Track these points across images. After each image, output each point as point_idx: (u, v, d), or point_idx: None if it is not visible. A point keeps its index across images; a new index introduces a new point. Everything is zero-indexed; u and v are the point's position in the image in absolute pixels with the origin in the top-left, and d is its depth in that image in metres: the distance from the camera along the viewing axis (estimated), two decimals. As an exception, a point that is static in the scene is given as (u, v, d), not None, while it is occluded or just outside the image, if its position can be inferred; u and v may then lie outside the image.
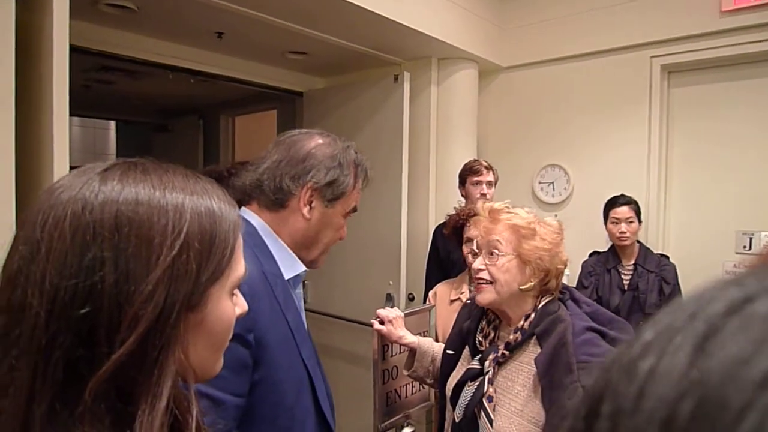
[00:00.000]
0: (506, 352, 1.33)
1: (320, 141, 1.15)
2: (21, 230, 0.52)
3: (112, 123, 6.19)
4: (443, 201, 3.14)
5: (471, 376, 1.37)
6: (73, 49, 1.85)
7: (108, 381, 0.48)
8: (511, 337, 1.33)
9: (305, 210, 1.11)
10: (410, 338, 1.65)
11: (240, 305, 0.62)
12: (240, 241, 0.60)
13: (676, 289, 2.61)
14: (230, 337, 0.61)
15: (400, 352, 1.78)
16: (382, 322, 1.66)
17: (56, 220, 0.50)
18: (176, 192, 0.55)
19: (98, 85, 4.08)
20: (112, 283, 0.49)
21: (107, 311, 0.49)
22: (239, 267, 0.60)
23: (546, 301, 1.35)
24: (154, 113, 5.47)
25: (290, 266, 1.12)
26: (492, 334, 1.41)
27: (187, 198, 0.55)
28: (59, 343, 0.48)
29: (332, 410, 1.13)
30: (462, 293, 2.34)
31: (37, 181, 1.85)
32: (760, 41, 2.61)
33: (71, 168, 1.90)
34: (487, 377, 1.33)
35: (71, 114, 1.89)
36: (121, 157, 0.60)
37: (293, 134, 1.18)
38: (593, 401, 0.25)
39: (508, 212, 1.37)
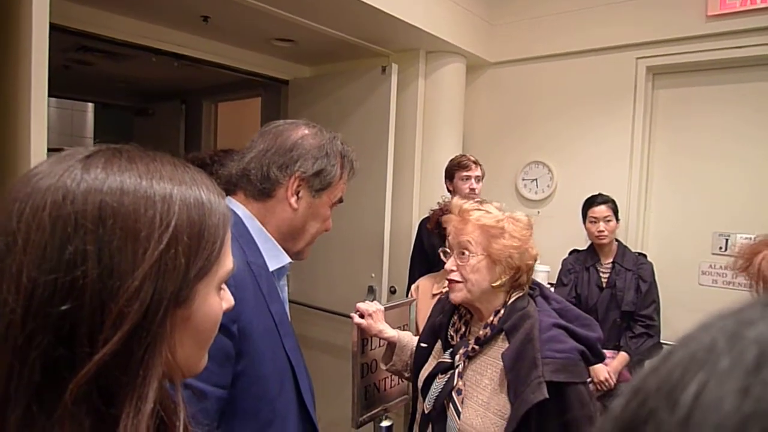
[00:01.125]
0: (476, 347, 1.37)
1: (306, 131, 1.14)
2: None
3: (90, 105, 6.05)
4: (427, 194, 3.14)
5: (442, 369, 1.41)
6: (53, 28, 1.80)
7: (89, 382, 0.46)
8: (481, 332, 1.37)
9: (292, 200, 1.10)
10: (390, 332, 1.65)
11: (226, 300, 0.60)
12: (229, 235, 0.57)
13: (652, 287, 2.66)
14: (216, 332, 0.59)
15: (379, 346, 1.78)
16: (362, 316, 1.66)
17: (34, 209, 0.46)
18: (164, 182, 0.52)
19: (77, 66, 3.98)
20: (95, 278, 0.46)
21: (89, 308, 0.46)
22: (227, 261, 0.57)
23: (516, 296, 1.38)
24: (135, 96, 5.35)
25: (275, 257, 1.11)
26: (463, 329, 1.45)
27: (175, 188, 0.52)
28: (37, 342, 0.44)
29: (314, 403, 1.12)
30: (444, 287, 2.34)
31: (13, 163, 1.80)
32: (744, 46, 2.65)
33: (49, 150, 1.86)
34: (457, 371, 1.37)
35: (48, 95, 1.84)
36: (99, 140, 0.57)
37: (279, 124, 1.17)
38: (627, 426, 0.24)
39: (477, 210, 1.38)
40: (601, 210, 2.70)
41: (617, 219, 2.73)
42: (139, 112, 5.39)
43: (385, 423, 1.78)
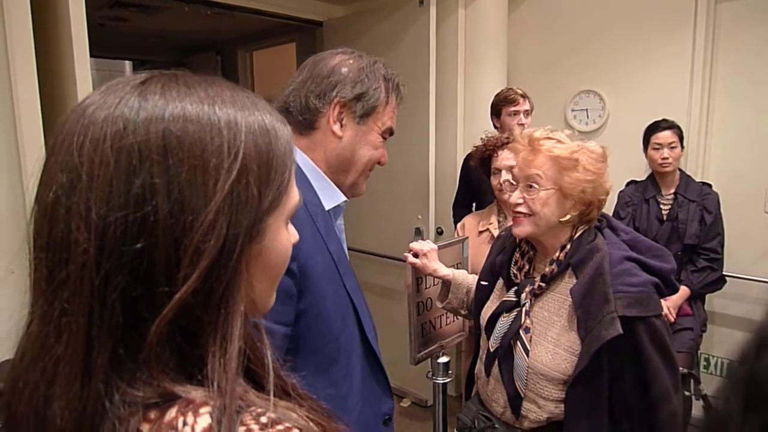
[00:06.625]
0: (542, 284, 1.32)
1: (344, 57, 1.09)
2: (53, 155, 0.45)
3: (128, 64, 6.08)
4: (472, 132, 3.03)
5: (506, 307, 1.37)
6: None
7: (171, 322, 0.44)
8: (547, 269, 1.31)
9: (335, 127, 1.06)
10: (444, 271, 1.63)
11: (293, 234, 0.57)
12: (294, 165, 0.54)
13: (718, 218, 2.52)
14: (286, 267, 0.56)
15: (434, 284, 1.76)
16: (416, 255, 1.63)
17: (94, 142, 0.43)
18: (227, 107, 0.48)
19: (112, 23, 3.98)
20: (166, 213, 0.43)
21: (164, 246, 0.44)
22: (295, 193, 0.54)
23: (583, 230, 1.31)
24: (171, 51, 5.38)
25: (330, 196, 1.08)
26: (527, 267, 1.40)
27: (239, 114, 0.48)
28: (114, 283, 0.43)
29: (376, 340, 1.12)
30: (490, 224, 2.30)
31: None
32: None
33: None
34: (523, 309, 1.33)
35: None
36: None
37: (317, 55, 1.12)
38: None
39: (549, 140, 1.30)
40: (665, 135, 2.54)
41: (682, 146, 2.57)
42: (176, 66, 5.38)
43: (442, 359, 1.79)
